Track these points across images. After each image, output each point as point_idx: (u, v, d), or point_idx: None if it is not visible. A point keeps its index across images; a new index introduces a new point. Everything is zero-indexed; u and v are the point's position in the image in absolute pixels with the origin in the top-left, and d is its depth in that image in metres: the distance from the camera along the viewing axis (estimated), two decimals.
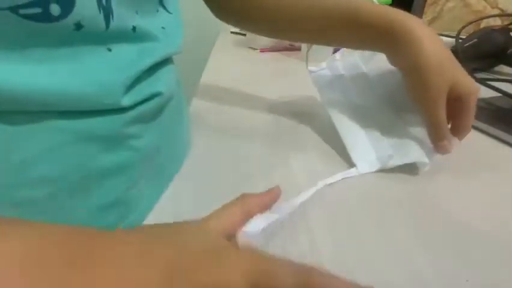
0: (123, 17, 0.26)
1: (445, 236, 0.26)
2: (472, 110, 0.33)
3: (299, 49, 0.81)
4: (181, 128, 0.40)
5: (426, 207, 0.29)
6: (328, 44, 0.43)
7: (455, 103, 0.32)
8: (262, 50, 0.86)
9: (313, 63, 0.43)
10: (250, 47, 0.88)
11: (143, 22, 0.29)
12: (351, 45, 0.41)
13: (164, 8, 0.33)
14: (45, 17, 0.21)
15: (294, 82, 0.59)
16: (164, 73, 0.33)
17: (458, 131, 0.34)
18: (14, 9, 0.20)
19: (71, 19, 0.22)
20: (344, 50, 0.44)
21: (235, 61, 0.77)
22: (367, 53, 0.42)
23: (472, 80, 0.32)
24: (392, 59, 0.36)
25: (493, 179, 0.34)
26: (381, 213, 0.28)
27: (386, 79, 0.39)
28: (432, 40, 0.32)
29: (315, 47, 0.56)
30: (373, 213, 0.28)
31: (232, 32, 1.09)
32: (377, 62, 0.41)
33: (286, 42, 0.88)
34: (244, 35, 0.94)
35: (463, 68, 0.33)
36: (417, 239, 0.26)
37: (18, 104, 0.22)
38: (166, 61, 0.34)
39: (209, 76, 0.65)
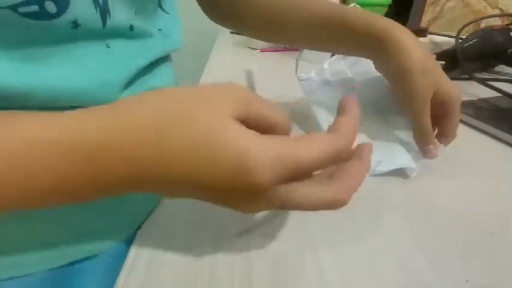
0: (120, 16, 0.26)
1: (445, 236, 0.26)
2: (456, 116, 0.33)
3: (299, 49, 0.81)
4: None
5: (426, 207, 0.29)
6: (315, 48, 0.43)
7: (439, 109, 0.33)
8: (262, 50, 0.85)
9: (310, 64, 0.43)
10: (250, 47, 0.88)
11: (141, 22, 0.29)
12: (339, 51, 0.42)
13: (161, 8, 0.33)
14: (43, 15, 0.21)
15: (294, 82, 0.59)
16: (163, 70, 0.34)
17: (443, 136, 0.34)
18: (13, 7, 0.20)
19: (67, 17, 0.22)
20: (334, 58, 0.44)
21: (235, 61, 0.77)
22: (353, 58, 0.42)
23: (454, 87, 0.33)
24: (378, 65, 0.36)
25: (493, 179, 0.34)
26: (380, 213, 0.28)
27: (372, 84, 0.40)
28: (417, 47, 0.32)
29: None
30: (372, 214, 0.28)
31: (232, 32, 1.09)
32: (362, 67, 0.41)
33: None
34: None
35: (445, 75, 0.33)
36: (416, 239, 0.26)
37: (18, 101, 0.22)
38: (164, 58, 0.34)
39: (209, 76, 0.65)
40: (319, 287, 0.22)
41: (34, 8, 0.20)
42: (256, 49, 0.86)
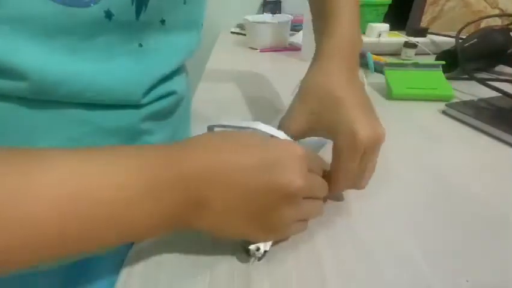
0: (155, 8, 0.26)
1: (445, 236, 0.26)
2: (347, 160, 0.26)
3: (299, 49, 0.81)
4: (187, 128, 0.41)
5: (426, 207, 0.29)
6: None
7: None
8: (262, 50, 0.86)
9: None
10: (250, 47, 0.89)
11: (171, 16, 0.29)
12: None
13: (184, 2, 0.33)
14: (76, 1, 0.21)
15: (293, 82, 0.59)
16: (179, 73, 0.34)
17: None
18: None
19: (101, 6, 0.22)
20: None
21: (235, 61, 0.77)
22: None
23: (370, 126, 0.25)
24: None
25: (493, 179, 0.34)
26: (380, 213, 0.28)
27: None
28: (322, 73, 0.30)
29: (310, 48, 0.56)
30: (372, 214, 0.28)
31: (232, 32, 1.09)
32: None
33: (286, 42, 0.89)
34: (244, 35, 0.94)
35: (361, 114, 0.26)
36: (417, 239, 0.26)
37: (47, 92, 0.23)
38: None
39: (209, 76, 0.65)
40: (319, 286, 0.22)
41: None
42: (256, 49, 0.86)
